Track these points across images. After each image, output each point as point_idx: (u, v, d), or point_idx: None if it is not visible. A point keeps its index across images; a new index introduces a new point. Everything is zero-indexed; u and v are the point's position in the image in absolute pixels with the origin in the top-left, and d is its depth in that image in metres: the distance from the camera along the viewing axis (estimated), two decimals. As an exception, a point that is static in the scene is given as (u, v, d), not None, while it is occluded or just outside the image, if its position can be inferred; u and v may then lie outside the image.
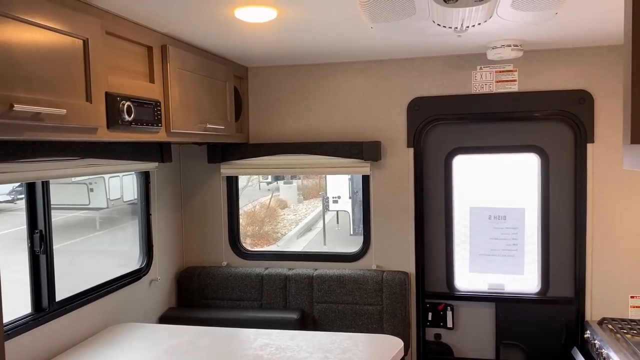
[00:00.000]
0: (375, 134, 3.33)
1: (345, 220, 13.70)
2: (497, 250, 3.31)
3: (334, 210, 14.50)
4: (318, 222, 15.51)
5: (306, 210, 16.66)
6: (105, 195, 9.63)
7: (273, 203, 15.82)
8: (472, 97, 3.18)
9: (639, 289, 3.03)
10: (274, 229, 14.33)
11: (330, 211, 14.54)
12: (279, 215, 15.36)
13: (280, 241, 13.32)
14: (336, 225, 14.45)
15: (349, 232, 13.60)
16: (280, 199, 16.19)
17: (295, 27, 2.42)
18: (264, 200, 15.65)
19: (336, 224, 14.51)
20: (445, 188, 3.30)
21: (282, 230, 14.48)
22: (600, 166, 3.04)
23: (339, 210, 14.22)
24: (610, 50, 2.99)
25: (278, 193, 16.39)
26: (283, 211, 15.87)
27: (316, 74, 3.39)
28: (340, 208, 13.77)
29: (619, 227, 3.03)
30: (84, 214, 9.75)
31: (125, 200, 9.57)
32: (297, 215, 16.02)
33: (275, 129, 3.47)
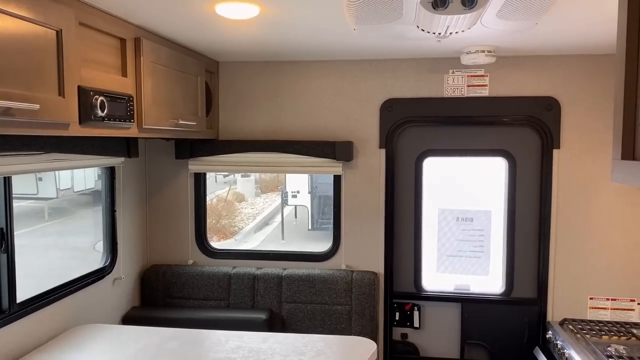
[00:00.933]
0: (348, 134, 3.32)
1: (303, 215, 13.71)
2: (463, 252, 3.37)
3: (293, 205, 14.48)
4: (276, 216, 15.46)
5: (264, 204, 16.57)
6: (55, 185, 9.28)
7: (230, 196, 15.64)
8: (444, 101, 3.22)
9: (597, 290, 3.15)
10: (231, 222, 14.17)
11: (288, 205, 14.51)
12: (236, 209, 15.20)
13: (237, 235, 13.20)
14: (294, 219, 14.44)
15: (307, 227, 13.62)
16: (237, 192, 16.02)
17: (275, 25, 2.38)
18: (220, 193, 15.45)
19: (294, 218, 14.50)
20: (415, 189, 3.33)
21: (239, 224, 14.35)
22: (565, 172, 3.14)
23: (298, 205, 14.21)
24: (578, 59, 3.08)
25: (235, 186, 16.22)
26: (240, 205, 15.71)
27: (289, 71, 3.35)
28: (299, 203, 13.75)
29: (580, 231, 3.14)
30: (31, 204, 9.36)
31: (76, 190, 9.26)
32: (254, 209, 15.91)
33: (246, 126, 3.41)
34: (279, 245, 12.63)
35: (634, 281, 3.11)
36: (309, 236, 13.37)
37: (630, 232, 3.09)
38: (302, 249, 11.87)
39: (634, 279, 3.10)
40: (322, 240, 12.92)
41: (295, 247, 12.22)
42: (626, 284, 3.12)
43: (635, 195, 3.08)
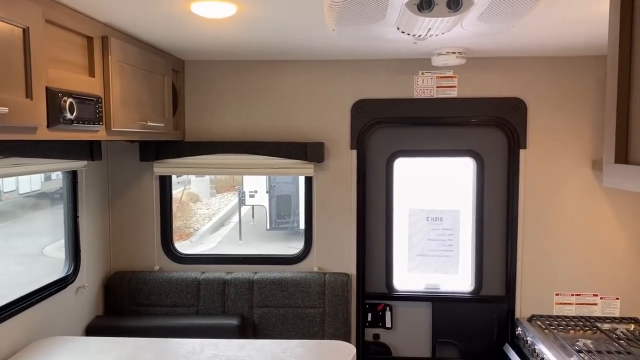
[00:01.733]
0: (319, 135, 3.29)
1: (261, 215, 13.59)
2: (434, 251, 3.40)
3: (250, 205, 14.33)
4: (232, 216, 15.29)
5: (219, 204, 16.36)
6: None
7: (184, 197, 15.34)
8: (414, 101, 3.23)
9: (563, 286, 3.24)
10: (186, 224, 13.90)
11: (246, 205, 14.36)
12: (191, 210, 14.92)
13: (193, 237, 12.97)
14: (251, 219, 14.31)
15: (266, 227, 13.51)
16: (191, 193, 15.72)
17: (252, 25, 2.31)
18: (174, 193, 15.10)
19: (251, 218, 14.36)
20: (387, 190, 3.33)
21: (194, 226, 14.09)
22: (532, 171, 3.21)
23: (255, 205, 14.08)
24: (543, 61, 3.15)
25: (189, 186, 15.92)
26: (195, 205, 15.43)
27: (258, 71, 3.29)
28: (257, 203, 13.62)
29: (546, 229, 3.22)
30: (-29, 208, 8.88)
31: (21, 192, 8.86)
32: (210, 209, 15.68)
33: (214, 127, 3.33)
34: (237, 246, 12.49)
35: (597, 276, 3.21)
36: (268, 236, 13.28)
37: (593, 229, 3.19)
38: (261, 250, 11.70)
39: (597, 275, 3.21)
40: (281, 240, 12.89)
41: (254, 248, 12.10)
42: (589, 280, 3.22)
43: (598, 194, 3.18)
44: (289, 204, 13.21)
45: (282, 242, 12.65)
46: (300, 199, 12.72)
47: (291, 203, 13.08)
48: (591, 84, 3.14)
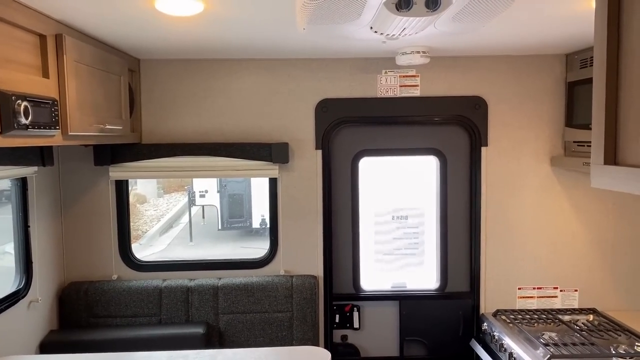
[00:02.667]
0: (283, 135, 3.22)
1: (211, 214, 13.37)
2: (399, 249, 3.40)
3: (200, 205, 14.07)
4: (181, 217, 14.97)
5: (167, 205, 15.98)
6: None
7: (131, 198, 14.83)
8: (378, 101, 3.22)
9: (525, 280, 3.31)
10: (134, 226, 13.48)
11: (196, 205, 14.08)
12: (138, 212, 14.48)
13: (141, 239, 12.59)
14: (202, 220, 14.05)
15: (217, 227, 13.30)
16: (138, 194, 15.26)
17: (218, 23, 2.22)
18: (120, 195, 14.58)
19: (202, 218, 14.11)
20: (352, 190, 3.30)
21: (142, 227, 13.70)
22: (493, 168, 3.26)
23: (205, 205, 13.83)
24: (504, 59, 3.20)
25: (136, 187, 15.46)
26: (142, 206, 14.99)
27: (219, 70, 3.18)
28: (208, 202, 13.39)
29: (508, 225, 3.28)
30: None
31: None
32: (158, 210, 15.29)
33: (173, 128, 3.20)
34: (187, 247, 12.22)
35: (557, 270, 3.30)
36: (220, 236, 13.07)
37: (552, 223, 3.28)
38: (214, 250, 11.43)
39: (557, 268, 3.30)
40: (234, 240, 12.70)
41: (206, 249, 11.88)
42: (550, 273, 3.30)
43: (556, 189, 3.27)
44: (241, 203, 13.05)
45: (235, 242, 12.49)
46: (252, 198, 12.60)
47: (243, 202, 12.92)
48: (549, 82, 3.22)
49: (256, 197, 12.35)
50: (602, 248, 3.28)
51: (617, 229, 3.26)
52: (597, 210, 3.26)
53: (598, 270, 3.29)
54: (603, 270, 3.29)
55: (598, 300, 3.29)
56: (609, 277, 3.29)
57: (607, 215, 3.26)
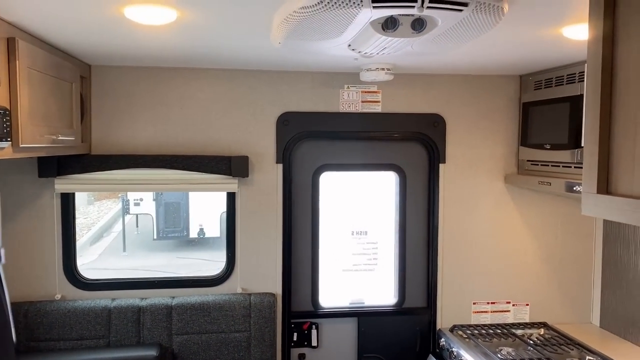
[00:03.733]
0: (243, 148, 3.12)
1: (146, 223, 12.95)
2: (358, 265, 3.38)
3: (134, 214, 13.61)
4: (113, 225, 14.40)
5: (99, 213, 15.34)
6: None
7: (59, 205, 14.04)
8: (340, 115, 3.19)
9: (479, 295, 3.38)
10: (62, 235, 12.72)
11: (130, 214, 13.60)
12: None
13: (71, 249, 11.90)
14: (135, 229, 13.58)
15: (153, 237, 12.89)
16: (66, 201, 14.43)
17: (189, 33, 2.12)
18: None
19: (136, 227, 13.63)
20: (312, 204, 3.25)
21: (72, 237, 12.94)
22: (450, 185, 3.31)
23: (140, 214, 13.39)
24: (462, 79, 3.27)
25: (64, 194, 14.62)
26: (71, 214, 14.20)
27: (175, 78, 3.05)
28: (143, 211, 12.97)
29: (464, 240, 3.34)
30: None
31: None
32: (88, 218, 14.63)
33: (125, 139, 3.03)
34: (120, 258, 11.75)
35: (509, 284, 3.39)
36: (155, 246, 12.66)
37: (506, 239, 3.36)
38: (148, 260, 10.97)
39: (509, 283, 3.39)
40: (171, 250, 12.33)
41: (140, 259, 11.44)
42: (503, 288, 3.38)
43: (510, 206, 3.36)
44: (177, 212, 12.71)
45: (172, 252, 12.13)
46: (189, 207, 12.29)
47: (180, 211, 12.60)
48: (503, 102, 3.31)
49: (194, 206, 12.05)
50: (551, 263, 3.40)
51: (565, 245, 3.39)
52: (546, 227, 3.38)
53: (547, 284, 3.40)
54: (552, 285, 3.41)
55: (548, 314, 3.40)
56: (557, 291, 3.41)
57: (556, 232, 3.39)
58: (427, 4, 1.51)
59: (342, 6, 1.53)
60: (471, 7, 1.54)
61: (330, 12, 1.57)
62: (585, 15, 1.85)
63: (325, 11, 1.57)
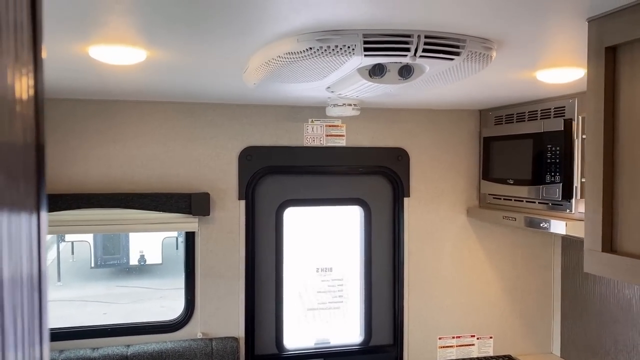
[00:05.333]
0: (203, 185, 2.98)
1: (83, 250, 12.35)
2: (324, 304, 3.28)
3: (70, 241, 12.96)
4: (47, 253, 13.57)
5: (30, 239, 14.42)
6: None
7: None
8: (304, 150, 3.11)
9: (445, 330, 3.35)
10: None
11: (66, 242, 12.94)
12: (-6, 248, 12.86)
13: (-2, 280, 11.13)
14: (71, 257, 12.91)
15: (90, 265, 12.30)
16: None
17: (157, 72, 1.98)
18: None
19: (71, 255, 12.97)
20: (277, 241, 3.14)
21: (-1, 266, 12.14)
22: (415, 219, 3.29)
23: (76, 241, 12.76)
24: (424, 113, 3.27)
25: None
26: (-1, 242, 13.37)
27: (131, 112, 2.88)
28: (79, 238, 12.37)
29: (429, 274, 3.31)
30: None
31: None
32: (18, 246, 13.73)
33: (76, 177, 2.82)
34: (56, 288, 11.10)
35: (474, 317, 3.39)
36: (93, 275, 12.06)
37: (469, 272, 3.37)
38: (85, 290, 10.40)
39: (473, 316, 3.39)
40: (109, 279, 11.75)
41: (76, 289, 10.83)
42: (468, 321, 3.38)
43: (472, 239, 3.37)
44: (117, 239, 12.20)
45: (110, 281, 11.59)
46: (129, 233, 11.80)
47: (119, 237, 12.10)
48: (464, 136, 3.34)
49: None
50: (513, 295, 3.43)
51: (525, 277, 3.43)
52: (508, 260, 3.41)
53: (510, 316, 3.43)
54: (514, 317, 3.43)
55: (511, 346, 3.42)
56: (520, 322, 3.44)
57: (516, 265, 3.43)
58: (420, 53, 1.46)
59: (332, 54, 1.46)
60: (463, 57, 1.51)
61: (319, 59, 1.50)
62: (561, 60, 1.87)
63: (313, 58, 1.49)
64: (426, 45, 1.44)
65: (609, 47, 1.26)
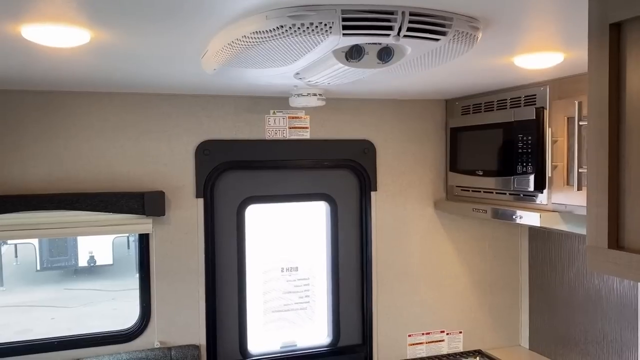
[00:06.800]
0: (157, 183, 2.75)
1: (28, 253, 11.78)
2: (289, 305, 3.12)
3: (12, 243, 12.33)
4: (-14, 258, 12.90)
5: (-34, 244, 13.71)
6: None
7: None
8: (266, 143, 2.93)
9: (414, 327, 3.25)
10: None
11: (8, 244, 12.31)
12: None
13: None
14: (14, 260, 12.28)
15: (36, 268, 11.75)
16: None
17: (102, 56, 1.76)
18: None
19: (14, 258, 12.33)
20: (238, 242, 2.95)
21: None
22: (382, 213, 3.16)
23: (19, 243, 12.15)
24: (390, 103, 3.15)
25: None
26: None
27: (76, 104, 2.62)
28: (22, 240, 11.79)
29: (398, 270, 3.20)
30: None
31: None
32: (-47, 253, 13.01)
33: (15, 176, 2.54)
34: (-2, 294, 10.54)
35: (443, 313, 3.30)
36: (39, 278, 11.52)
37: (437, 267, 3.28)
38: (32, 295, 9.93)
39: (443, 311, 3.30)
40: (57, 282, 11.23)
41: (22, 294, 10.28)
42: (437, 317, 3.29)
43: (440, 232, 3.28)
44: (64, 239, 11.69)
45: (59, 284, 11.09)
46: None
47: (67, 238, 11.58)
48: (430, 127, 3.24)
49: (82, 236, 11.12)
50: (482, 288, 3.36)
51: (493, 269, 3.38)
52: (476, 252, 3.34)
53: (479, 310, 3.36)
54: (483, 310, 3.37)
55: (481, 341, 3.36)
56: (489, 316, 3.38)
57: (485, 257, 3.36)
58: (404, 32, 1.31)
59: (305, 33, 1.29)
60: (449, 37, 1.37)
61: (290, 38, 1.32)
62: (542, 44, 1.77)
63: (283, 38, 1.32)
64: (411, 23, 1.30)
65: (613, 24, 1.15)
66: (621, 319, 2.73)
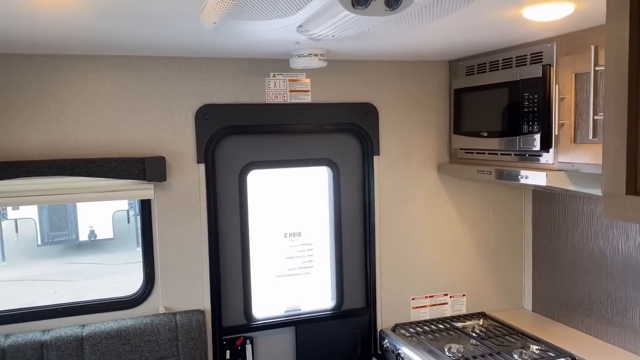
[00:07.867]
0: (157, 148, 2.71)
1: (28, 228, 11.79)
2: (293, 270, 3.12)
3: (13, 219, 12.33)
4: (-13, 232, 12.94)
5: (-36, 220, 13.73)
6: None
7: None
8: (266, 107, 2.88)
9: (418, 290, 3.25)
10: None
11: (8, 220, 12.31)
12: None
13: None
14: (15, 235, 12.30)
15: (37, 243, 11.78)
16: None
17: (98, 12, 1.70)
18: None
19: (15, 233, 12.35)
20: (240, 207, 2.92)
21: None
22: (385, 177, 3.13)
23: (20, 218, 12.15)
24: (392, 65, 3.08)
25: None
26: None
27: (72, 68, 2.56)
28: (23, 215, 11.81)
29: (401, 234, 3.19)
30: None
31: None
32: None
33: (10, 142, 2.50)
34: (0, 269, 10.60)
35: (446, 276, 3.30)
36: (40, 253, 11.56)
37: (441, 230, 3.26)
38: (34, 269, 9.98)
39: (446, 274, 3.30)
40: (58, 256, 11.28)
41: (24, 269, 10.32)
42: (440, 280, 3.29)
43: (443, 196, 3.26)
44: (64, 214, 11.70)
45: (60, 258, 11.13)
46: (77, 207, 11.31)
47: (67, 212, 11.59)
48: (433, 88, 3.18)
49: (82, 206, 11.09)
50: (485, 251, 3.35)
51: (497, 232, 3.36)
52: (479, 215, 3.33)
53: (482, 273, 3.36)
54: (486, 273, 3.37)
55: (484, 303, 3.37)
56: (492, 279, 3.38)
57: (488, 220, 3.35)
58: (414, -25, 1.26)
59: (310, -24, 1.24)
60: (460, -19, 1.32)
61: (294, -17, 1.27)
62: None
63: (288, -18, 1.26)
64: (420, -35, 1.24)
65: (634, -40, 1.10)
66: (626, 279, 2.72)
